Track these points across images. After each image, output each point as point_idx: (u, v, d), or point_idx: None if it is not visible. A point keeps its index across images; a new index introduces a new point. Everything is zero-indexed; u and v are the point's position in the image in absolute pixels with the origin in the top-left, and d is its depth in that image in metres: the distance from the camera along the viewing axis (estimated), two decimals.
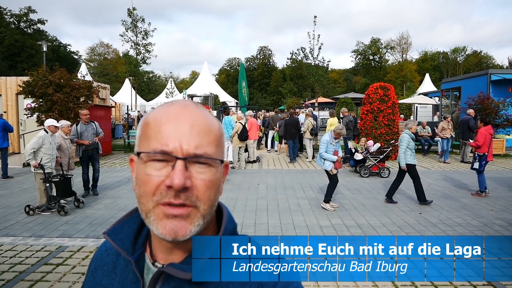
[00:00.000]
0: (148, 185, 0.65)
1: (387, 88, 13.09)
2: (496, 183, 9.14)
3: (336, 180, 6.82)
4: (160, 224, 0.65)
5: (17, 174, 10.17)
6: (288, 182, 9.26)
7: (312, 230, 5.62)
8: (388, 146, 10.48)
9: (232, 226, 0.76)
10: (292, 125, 12.53)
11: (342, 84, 65.48)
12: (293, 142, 12.68)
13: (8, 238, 5.30)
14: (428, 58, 63.91)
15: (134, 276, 0.74)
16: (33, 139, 6.42)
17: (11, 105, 13.51)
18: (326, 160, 6.67)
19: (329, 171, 6.72)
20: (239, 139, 11.00)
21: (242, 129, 10.97)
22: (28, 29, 45.64)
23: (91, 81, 12.78)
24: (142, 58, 29.67)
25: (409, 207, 6.97)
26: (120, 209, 6.74)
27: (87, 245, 5.01)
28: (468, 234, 5.47)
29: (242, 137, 11.00)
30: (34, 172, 6.48)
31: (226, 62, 69.32)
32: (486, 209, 6.84)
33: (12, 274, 4.14)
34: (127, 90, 35.46)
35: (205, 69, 37.90)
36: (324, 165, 6.75)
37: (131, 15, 27.78)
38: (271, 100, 56.97)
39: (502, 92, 15.31)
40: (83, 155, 7.61)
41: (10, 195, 7.86)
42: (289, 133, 12.52)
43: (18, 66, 40.06)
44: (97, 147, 7.78)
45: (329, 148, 6.67)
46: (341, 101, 30.23)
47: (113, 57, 60.27)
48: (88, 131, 7.61)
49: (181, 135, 0.65)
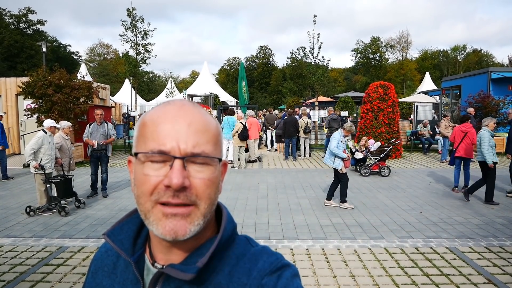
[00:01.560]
0: (146, 185, 0.65)
1: (387, 87, 13.09)
2: (496, 181, 9.11)
3: (347, 178, 6.81)
4: (159, 224, 0.65)
5: (17, 175, 10.17)
6: (289, 182, 9.26)
7: (312, 230, 5.62)
8: (388, 145, 10.47)
9: (232, 226, 0.76)
10: (291, 124, 12.73)
11: (342, 83, 65.48)
12: (290, 140, 12.94)
13: (9, 239, 5.30)
14: (428, 56, 63.93)
15: (134, 277, 0.74)
16: (33, 139, 6.42)
17: (11, 106, 13.51)
18: (337, 156, 6.63)
19: (339, 170, 6.69)
20: (240, 139, 11.02)
21: (243, 129, 10.99)
22: (27, 30, 45.62)
23: (91, 81, 12.78)
24: (142, 58, 29.64)
25: (410, 205, 6.96)
26: (120, 209, 6.74)
27: (87, 246, 5.01)
28: (469, 233, 5.47)
29: (243, 137, 11.02)
30: (34, 173, 6.49)
31: (226, 62, 69.37)
32: (487, 207, 6.84)
33: (12, 275, 4.15)
34: (127, 90, 35.45)
35: (205, 69, 37.89)
36: (334, 163, 6.71)
37: (130, 15, 27.75)
38: (271, 99, 56.98)
39: (502, 90, 15.30)
40: (92, 155, 7.57)
41: (10, 196, 7.87)
42: (288, 132, 12.75)
43: (17, 66, 40.05)
44: (106, 149, 7.69)
45: (339, 146, 6.66)
46: (341, 100, 30.24)
47: (113, 57, 60.30)
48: (98, 132, 7.54)
49: (178, 135, 0.65)
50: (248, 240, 0.77)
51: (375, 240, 5.20)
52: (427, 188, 8.45)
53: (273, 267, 0.70)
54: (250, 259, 0.72)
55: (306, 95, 39.24)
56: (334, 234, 5.44)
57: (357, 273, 4.14)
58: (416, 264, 4.38)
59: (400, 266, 4.33)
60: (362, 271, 4.21)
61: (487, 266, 4.31)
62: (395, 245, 4.99)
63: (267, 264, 0.70)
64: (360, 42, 61.50)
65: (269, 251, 0.74)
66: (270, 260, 0.71)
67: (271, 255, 0.73)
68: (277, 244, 5.04)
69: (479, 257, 4.59)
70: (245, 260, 0.72)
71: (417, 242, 5.11)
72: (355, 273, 4.14)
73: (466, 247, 4.92)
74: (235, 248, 0.74)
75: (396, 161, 12.74)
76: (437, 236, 5.34)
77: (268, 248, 0.75)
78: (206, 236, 0.73)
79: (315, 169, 11.15)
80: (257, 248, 0.75)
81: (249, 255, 0.73)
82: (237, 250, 0.74)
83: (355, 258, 4.57)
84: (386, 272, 4.17)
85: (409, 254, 4.70)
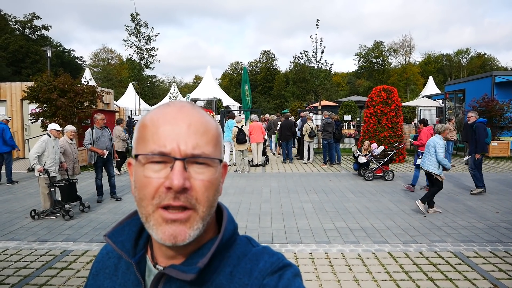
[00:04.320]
0: (148, 188, 0.65)
1: (390, 91, 13.07)
2: (501, 186, 9.08)
3: (442, 185, 6.72)
4: (159, 229, 0.65)
5: (22, 179, 10.22)
6: (292, 186, 9.24)
7: (316, 234, 5.60)
8: (392, 149, 10.43)
9: (233, 226, 0.76)
10: (287, 127, 13.15)
11: (345, 87, 65.47)
12: (287, 143, 13.34)
13: (13, 242, 5.32)
14: (431, 60, 63.81)
15: (136, 278, 0.74)
16: (36, 143, 6.46)
17: (16, 111, 13.61)
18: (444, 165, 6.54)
19: (440, 176, 6.61)
20: (236, 142, 11.25)
21: (238, 132, 11.17)
22: (32, 35, 46.08)
23: (95, 86, 12.86)
24: (146, 63, 29.79)
25: (414, 210, 6.92)
26: (124, 213, 6.75)
27: (91, 249, 5.02)
28: (474, 237, 5.42)
29: (238, 140, 11.21)
30: (38, 177, 6.52)
31: (229, 66, 69.61)
32: (491, 211, 6.78)
33: (17, 278, 4.16)
34: (130, 94, 35.65)
35: (208, 73, 38.03)
36: (438, 170, 6.59)
37: (134, 20, 27.94)
38: (274, 103, 57.01)
39: (506, 94, 15.21)
40: (98, 160, 7.46)
41: (15, 199, 7.91)
42: (284, 135, 13.17)
43: (22, 71, 40.42)
44: (111, 153, 7.71)
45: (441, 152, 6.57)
46: (344, 104, 30.21)
47: (117, 62, 60.67)
48: (104, 136, 7.53)
49: (178, 136, 0.65)
50: (249, 240, 0.77)
51: (379, 244, 5.16)
52: None
53: (274, 267, 0.70)
54: (251, 259, 0.71)
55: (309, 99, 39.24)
56: (338, 238, 5.42)
57: (361, 278, 4.11)
58: (421, 269, 4.35)
59: (404, 271, 4.30)
60: (366, 275, 4.18)
61: (493, 271, 4.27)
62: (399, 250, 4.96)
63: (268, 264, 0.70)
64: (363, 47, 61.52)
65: (270, 251, 0.74)
66: (272, 260, 0.71)
67: (272, 255, 0.73)
68: (280, 248, 5.03)
69: (484, 261, 4.55)
70: (246, 260, 0.71)
71: (421, 246, 5.08)
72: (359, 278, 4.11)
73: (471, 251, 4.88)
74: (236, 249, 0.74)
75: (400, 165, 12.70)
76: (441, 240, 5.30)
77: (269, 248, 0.75)
78: (207, 237, 0.73)
79: (318, 173, 11.13)
80: (258, 248, 0.74)
81: (250, 255, 0.73)
82: (238, 251, 0.74)
83: (359, 262, 4.55)
84: (390, 277, 4.14)
85: (413, 258, 4.66)
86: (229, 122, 12.58)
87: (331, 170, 11.70)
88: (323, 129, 12.61)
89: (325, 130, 12.52)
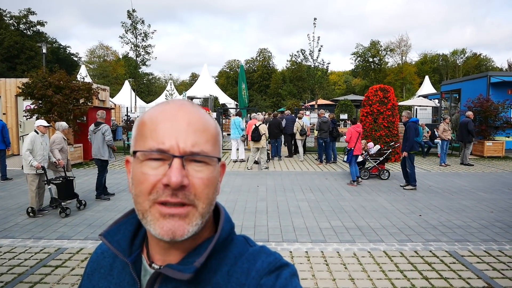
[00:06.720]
0: (145, 184, 0.64)
1: (386, 90, 13.12)
2: (496, 185, 9.14)
3: None
4: (157, 224, 0.64)
5: (16, 176, 10.15)
6: (288, 184, 9.25)
7: (312, 232, 5.61)
8: (387, 148, 10.46)
9: (230, 226, 0.75)
10: (275, 125, 13.50)
11: (341, 86, 65.59)
12: (275, 141, 13.73)
13: (7, 240, 5.28)
14: (427, 60, 64.05)
15: (131, 278, 0.73)
16: (25, 141, 6.40)
17: (11, 107, 13.50)
18: None
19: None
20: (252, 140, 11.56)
21: (254, 130, 11.46)
22: (27, 31, 45.62)
23: (91, 83, 12.79)
24: (142, 60, 29.63)
25: (409, 209, 6.95)
26: (119, 211, 6.72)
27: (86, 247, 5.00)
28: (468, 237, 5.46)
29: (252, 138, 11.48)
30: (27, 174, 6.42)
31: (226, 64, 69.49)
32: (486, 211, 6.83)
33: (10, 276, 4.13)
34: (126, 92, 35.50)
35: (204, 71, 37.96)
36: None
37: (131, 17, 27.76)
38: (271, 102, 57.05)
39: (501, 95, 15.32)
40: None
41: (9, 197, 7.85)
42: (272, 133, 13.44)
43: (17, 67, 40.08)
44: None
45: None
46: (340, 103, 30.28)
47: (113, 59, 60.35)
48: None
49: (177, 133, 0.65)
50: (246, 240, 0.77)
51: (375, 243, 5.18)
52: (426, 192, 8.45)
53: (271, 266, 0.69)
54: (249, 259, 0.71)
55: (306, 97, 39.28)
56: (334, 237, 5.43)
57: (356, 276, 4.13)
58: (416, 268, 4.37)
59: (399, 270, 4.31)
60: (362, 274, 4.20)
61: (487, 270, 4.30)
62: (395, 249, 4.98)
63: (265, 264, 0.70)
64: (359, 46, 61.60)
65: (267, 251, 0.74)
66: (269, 260, 0.71)
67: (269, 255, 0.72)
68: (276, 246, 5.03)
69: (478, 260, 4.58)
70: (243, 260, 0.71)
71: (416, 245, 5.10)
72: (354, 276, 4.13)
73: (466, 250, 4.91)
74: (233, 248, 0.73)
75: (396, 164, 12.74)
76: (436, 239, 5.33)
77: (266, 248, 0.75)
78: (204, 236, 0.72)
79: (315, 172, 11.15)
80: (255, 248, 0.74)
81: (247, 255, 0.72)
82: (235, 250, 0.73)
83: (354, 261, 4.56)
84: (386, 276, 4.15)
85: (408, 257, 4.68)
86: (235, 119, 12.94)
87: (327, 169, 11.72)
88: (319, 128, 12.65)
89: (321, 129, 12.56)
